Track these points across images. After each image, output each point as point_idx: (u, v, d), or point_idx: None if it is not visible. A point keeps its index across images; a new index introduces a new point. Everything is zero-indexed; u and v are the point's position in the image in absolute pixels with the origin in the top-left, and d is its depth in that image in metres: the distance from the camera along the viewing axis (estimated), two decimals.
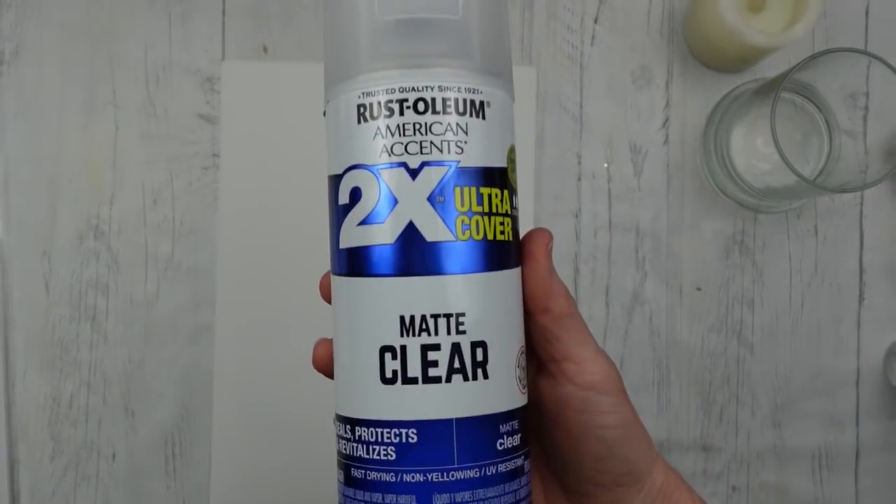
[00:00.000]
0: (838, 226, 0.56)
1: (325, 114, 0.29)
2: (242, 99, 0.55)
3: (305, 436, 0.54)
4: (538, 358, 0.31)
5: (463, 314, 0.27)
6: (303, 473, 0.54)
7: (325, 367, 0.31)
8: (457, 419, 0.26)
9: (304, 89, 0.56)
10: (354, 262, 0.27)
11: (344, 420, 0.28)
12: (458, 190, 0.27)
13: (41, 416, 0.54)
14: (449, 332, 0.26)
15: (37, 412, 0.54)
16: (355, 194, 0.27)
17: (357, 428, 0.27)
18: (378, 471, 0.27)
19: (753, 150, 0.53)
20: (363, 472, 0.27)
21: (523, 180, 0.31)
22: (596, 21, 0.56)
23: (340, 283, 0.28)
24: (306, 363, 0.54)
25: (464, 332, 0.27)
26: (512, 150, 0.28)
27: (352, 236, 0.27)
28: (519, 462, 0.28)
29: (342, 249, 0.28)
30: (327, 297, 0.30)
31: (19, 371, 0.54)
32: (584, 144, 0.56)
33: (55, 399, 0.54)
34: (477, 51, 0.27)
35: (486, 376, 0.27)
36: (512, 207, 0.28)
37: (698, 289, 0.56)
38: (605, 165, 0.56)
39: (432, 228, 0.26)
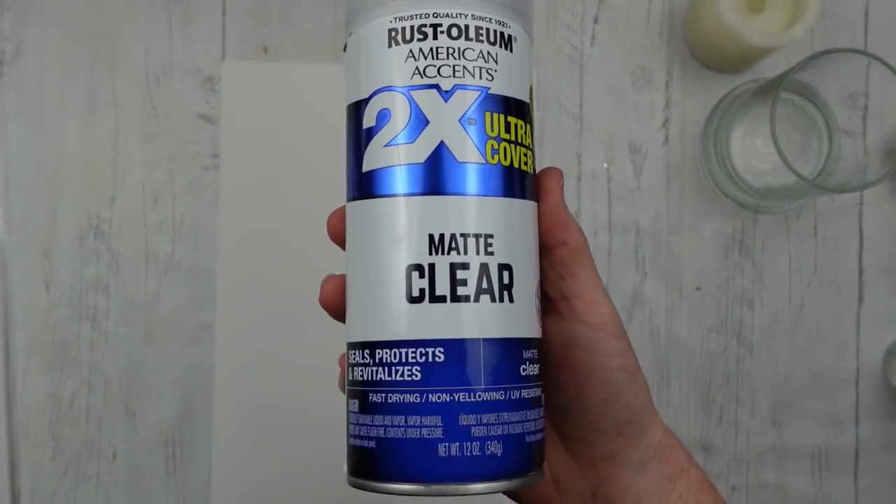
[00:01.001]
0: (838, 226, 0.56)
1: (345, 48, 0.29)
2: (242, 99, 0.55)
3: (306, 435, 0.54)
4: (547, 297, 0.31)
5: (491, 235, 0.27)
6: (304, 473, 0.54)
7: (333, 303, 0.31)
8: (484, 339, 0.26)
9: (304, 89, 0.56)
10: (381, 183, 0.27)
11: (362, 345, 0.27)
12: (488, 115, 0.27)
13: (42, 415, 0.54)
14: (478, 252, 0.27)
15: (37, 412, 0.54)
16: (383, 116, 0.27)
17: (378, 350, 0.27)
18: (402, 392, 0.26)
19: (753, 151, 0.53)
20: (384, 395, 0.27)
21: None
22: (596, 21, 0.57)
23: (362, 207, 0.28)
24: (306, 362, 0.54)
25: (492, 254, 0.27)
26: (531, 90, 0.29)
27: (378, 157, 0.27)
28: (538, 392, 0.28)
29: (366, 172, 0.28)
30: (337, 234, 0.30)
31: (20, 371, 0.54)
32: (584, 144, 0.56)
33: (56, 399, 0.54)
34: None
35: (511, 300, 0.27)
36: (532, 142, 0.29)
37: (698, 289, 0.56)
38: (605, 165, 0.56)
39: (463, 150, 0.27)
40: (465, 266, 0.26)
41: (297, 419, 0.54)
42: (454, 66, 0.27)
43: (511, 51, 0.28)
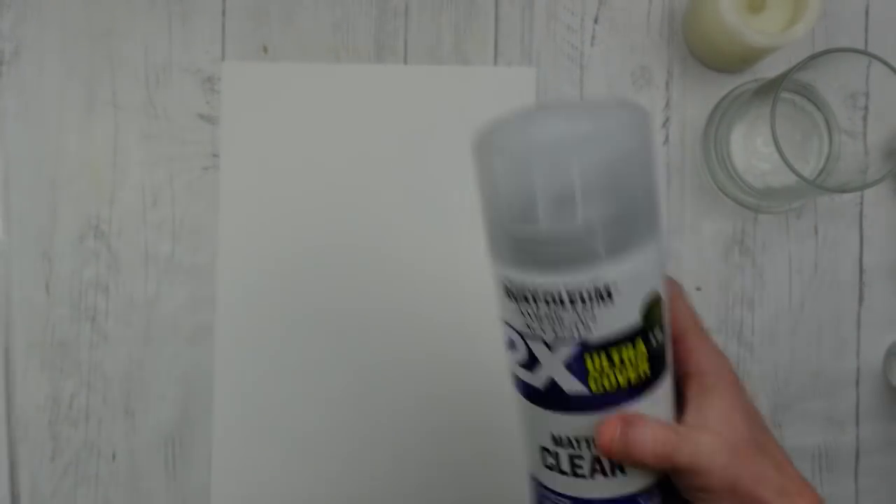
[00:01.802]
0: (838, 226, 0.56)
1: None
2: (242, 99, 0.55)
3: (305, 435, 0.54)
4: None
5: None
6: (303, 473, 0.54)
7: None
8: (601, 499, 0.32)
9: (304, 89, 0.56)
10: (520, 386, 0.33)
11: (529, 474, 0.35)
12: (588, 357, 0.30)
13: (41, 416, 0.54)
14: (590, 449, 0.32)
15: (37, 412, 0.54)
16: (512, 343, 0.32)
17: (532, 482, 0.35)
18: None
19: (753, 150, 0.53)
20: None
21: None
22: (596, 21, 0.57)
23: (518, 398, 0.34)
24: (306, 362, 0.54)
25: None
26: (654, 292, 0.30)
27: (517, 371, 0.32)
28: None
29: (512, 373, 0.33)
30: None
31: (19, 371, 0.54)
32: None
33: (55, 399, 0.54)
34: (601, 245, 0.29)
35: (623, 473, 0.32)
36: (649, 348, 0.31)
37: (698, 289, 0.56)
38: None
39: (569, 385, 0.31)
40: (580, 457, 0.32)
41: (297, 419, 0.54)
42: (553, 326, 0.30)
43: (610, 299, 0.29)
